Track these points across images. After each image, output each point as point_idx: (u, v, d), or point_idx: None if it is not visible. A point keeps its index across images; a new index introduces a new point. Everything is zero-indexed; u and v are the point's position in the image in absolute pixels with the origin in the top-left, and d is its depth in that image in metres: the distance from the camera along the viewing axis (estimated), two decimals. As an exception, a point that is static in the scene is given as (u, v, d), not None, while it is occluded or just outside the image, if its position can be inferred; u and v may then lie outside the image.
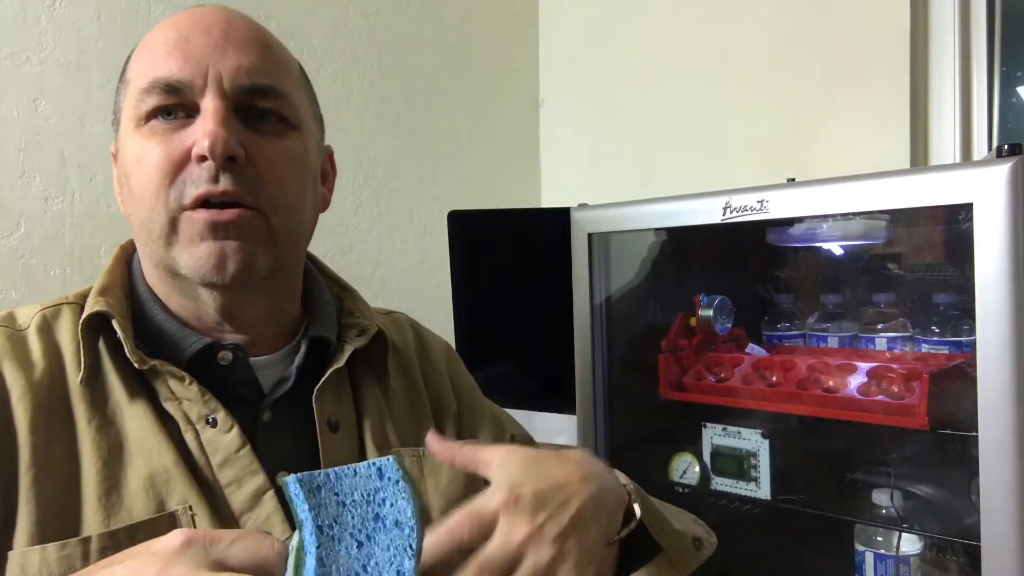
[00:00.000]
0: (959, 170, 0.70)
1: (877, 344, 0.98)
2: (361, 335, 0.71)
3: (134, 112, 0.62)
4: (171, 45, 0.61)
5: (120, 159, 0.65)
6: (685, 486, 1.03)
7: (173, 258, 0.61)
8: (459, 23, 1.69)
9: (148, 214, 0.61)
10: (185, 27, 0.62)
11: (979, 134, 1.36)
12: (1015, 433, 0.66)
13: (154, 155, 0.60)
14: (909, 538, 0.86)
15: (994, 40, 1.35)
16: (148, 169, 0.60)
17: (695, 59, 1.59)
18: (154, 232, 0.61)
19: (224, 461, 0.61)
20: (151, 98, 0.60)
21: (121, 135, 0.64)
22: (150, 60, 0.62)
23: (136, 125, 0.61)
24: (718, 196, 0.86)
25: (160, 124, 0.61)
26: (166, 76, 0.60)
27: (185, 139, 0.60)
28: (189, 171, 0.60)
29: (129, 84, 0.64)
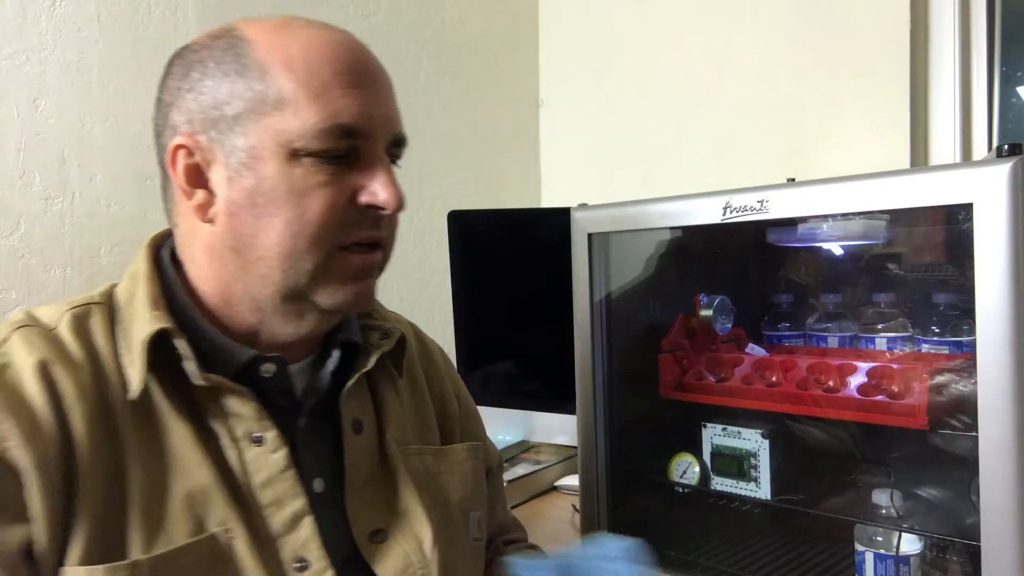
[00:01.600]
0: (959, 170, 0.70)
1: (877, 344, 0.98)
2: (385, 338, 0.73)
3: (297, 142, 0.59)
4: (344, 79, 0.60)
5: (258, 180, 0.60)
6: (685, 486, 1.03)
7: (314, 290, 0.62)
8: (459, 23, 1.69)
9: (304, 247, 0.60)
10: (345, 55, 0.61)
11: (979, 134, 1.36)
12: (1015, 433, 0.66)
13: (322, 198, 0.60)
14: (909, 538, 0.86)
15: (994, 40, 1.35)
16: (313, 208, 0.59)
17: (695, 59, 1.59)
18: (305, 264, 0.61)
19: (267, 481, 0.62)
20: (327, 140, 0.59)
21: (256, 153, 0.60)
22: (322, 90, 0.59)
23: (291, 154, 0.59)
24: (718, 196, 0.86)
25: (322, 165, 0.60)
26: (349, 123, 0.60)
27: (352, 182, 0.61)
28: (356, 215, 0.61)
29: (282, 105, 0.59)
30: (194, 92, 0.61)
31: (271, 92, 0.59)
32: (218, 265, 0.63)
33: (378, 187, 0.62)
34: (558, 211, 1.09)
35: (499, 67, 1.78)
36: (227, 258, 0.62)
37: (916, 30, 1.33)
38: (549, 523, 1.25)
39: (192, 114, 0.61)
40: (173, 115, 0.62)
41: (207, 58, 0.62)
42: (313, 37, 0.61)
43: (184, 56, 0.63)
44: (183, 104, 0.62)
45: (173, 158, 0.61)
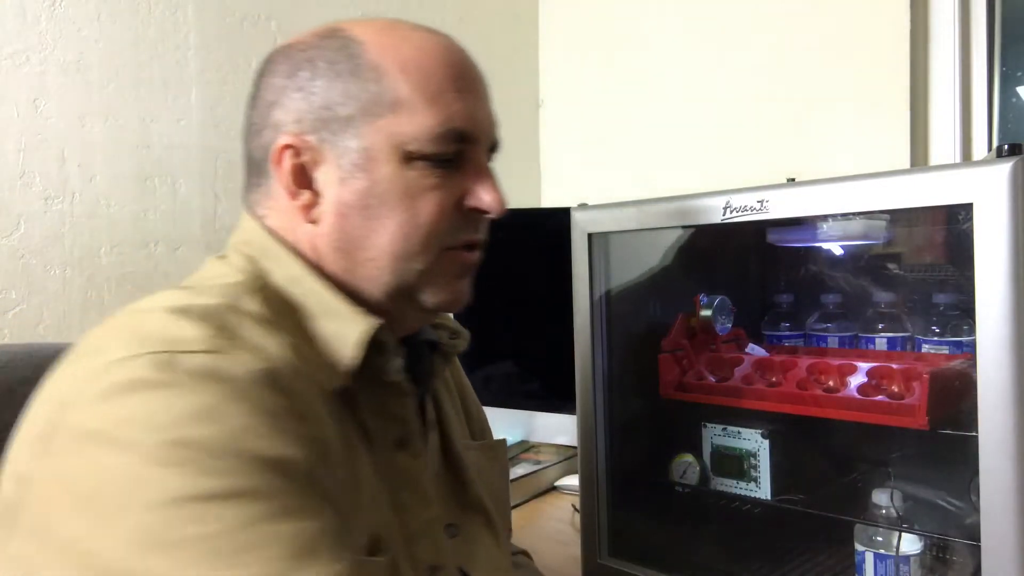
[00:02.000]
0: (959, 170, 0.70)
1: (877, 344, 0.98)
2: (455, 337, 0.74)
3: (410, 144, 0.59)
4: (456, 83, 0.62)
5: (372, 181, 0.60)
6: (685, 486, 1.03)
7: (421, 289, 0.63)
8: (459, 23, 1.69)
9: (416, 248, 0.61)
10: (455, 59, 0.63)
11: (979, 134, 1.36)
12: (1015, 433, 0.66)
13: (434, 200, 0.61)
14: (909, 538, 0.86)
15: (994, 40, 1.35)
16: (429, 210, 0.61)
17: (695, 59, 1.59)
18: (415, 264, 0.62)
19: (406, 484, 0.63)
20: (441, 144, 0.60)
21: (370, 155, 0.60)
22: (441, 96, 0.60)
23: (405, 156, 0.60)
24: (718, 196, 0.86)
25: (432, 168, 0.61)
26: (461, 128, 0.61)
27: (459, 185, 0.62)
28: (461, 219, 0.63)
29: (398, 107, 0.59)
30: (303, 92, 0.61)
31: (387, 94, 0.59)
32: (320, 265, 0.62)
33: (484, 192, 0.63)
34: (558, 211, 1.09)
35: (499, 67, 1.78)
36: (331, 258, 0.62)
37: (916, 30, 1.33)
38: (549, 523, 1.25)
39: (302, 113, 0.61)
40: (277, 113, 0.62)
41: (317, 57, 0.61)
42: (424, 41, 0.62)
43: (290, 55, 0.63)
44: (290, 103, 0.61)
45: (279, 157, 0.61)
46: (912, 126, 1.33)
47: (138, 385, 0.48)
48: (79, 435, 0.48)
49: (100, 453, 0.47)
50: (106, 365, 0.49)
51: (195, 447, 0.47)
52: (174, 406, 0.47)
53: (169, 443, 0.47)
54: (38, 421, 0.51)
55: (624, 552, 1.01)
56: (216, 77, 1.28)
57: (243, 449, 0.48)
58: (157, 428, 0.47)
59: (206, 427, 0.47)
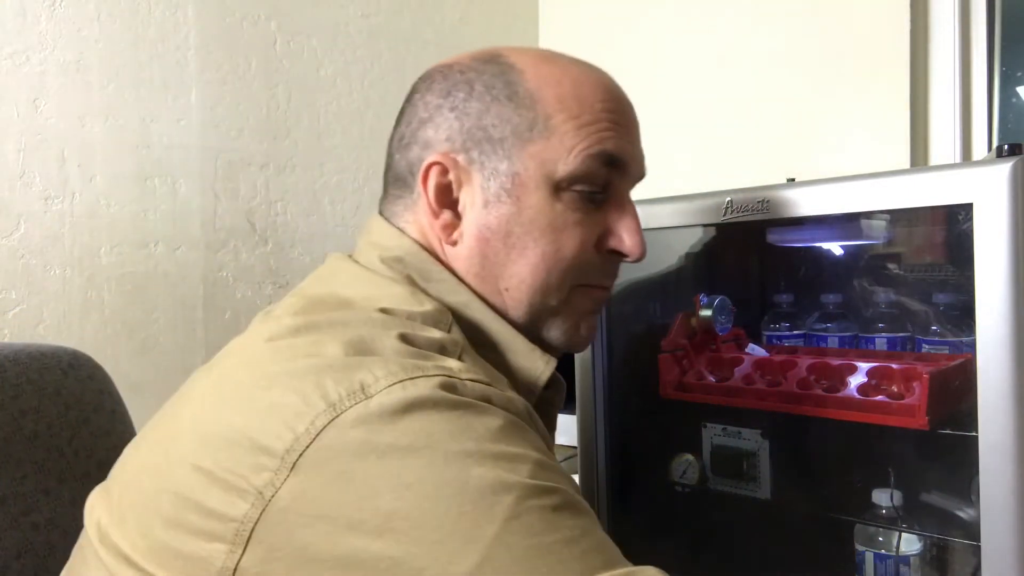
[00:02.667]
0: (959, 170, 0.70)
1: (877, 344, 0.98)
2: None
3: (561, 168, 0.59)
4: (611, 115, 0.62)
5: (520, 210, 0.59)
6: (685, 486, 1.03)
7: (550, 322, 0.63)
8: (459, 23, 1.69)
9: (553, 280, 0.61)
10: (612, 93, 0.64)
11: (979, 134, 1.36)
12: (1015, 433, 0.66)
13: (578, 235, 0.61)
14: (909, 538, 0.86)
15: (994, 40, 1.35)
16: (568, 246, 0.60)
17: (695, 59, 1.59)
18: (549, 299, 0.61)
19: None
20: (591, 166, 0.60)
21: (520, 180, 0.59)
22: (596, 122, 0.60)
23: (555, 186, 0.59)
24: (718, 196, 0.86)
25: (580, 202, 0.61)
26: (612, 152, 0.61)
27: (601, 223, 0.62)
28: (601, 257, 0.63)
29: (550, 132, 0.59)
30: (457, 111, 0.61)
31: (540, 119, 0.59)
32: (490, 289, 0.62)
33: (627, 234, 0.63)
34: (558, 211, 1.09)
35: (499, 67, 1.78)
36: (472, 283, 0.61)
37: (916, 30, 1.33)
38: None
39: (453, 132, 0.61)
40: (428, 131, 0.62)
41: (475, 80, 0.61)
42: (582, 75, 0.63)
43: (448, 75, 0.63)
44: (443, 122, 0.61)
45: (426, 174, 0.60)
46: (912, 126, 1.33)
47: (433, 403, 0.47)
48: (363, 451, 0.45)
49: (414, 464, 0.45)
50: (373, 384, 0.47)
51: (520, 458, 0.47)
52: (484, 423, 0.48)
53: (493, 455, 0.46)
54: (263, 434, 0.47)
55: (624, 552, 1.00)
56: (216, 77, 1.28)
57: (551, 465, 0.49)
58: (477, 439, 0.46)
59: (516, 444, 0.48)
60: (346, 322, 0.53)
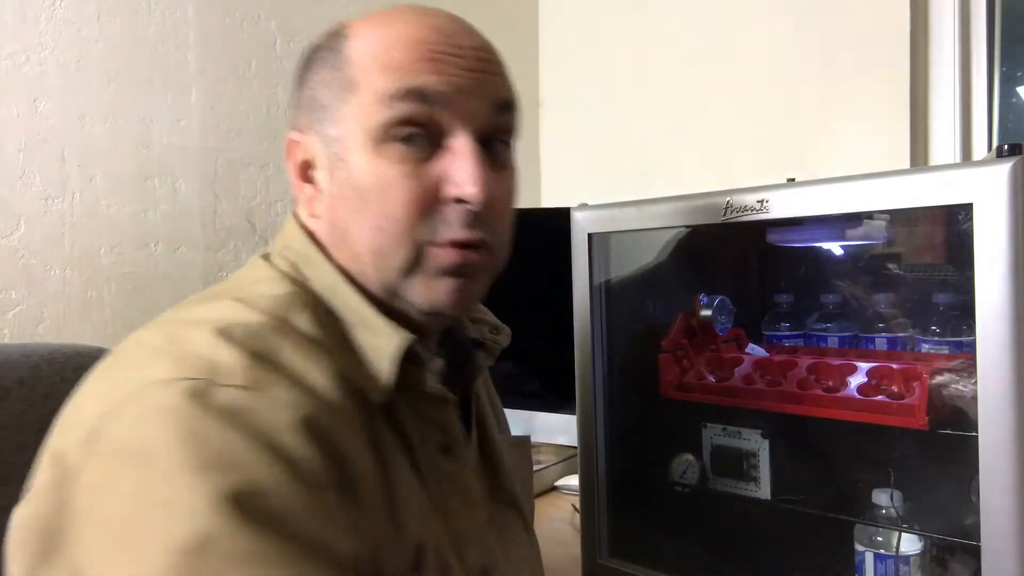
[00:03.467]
0: (959, 170, 0.70)
1: (877, 344, 0.98)
2: (497, 332, 0.72)
3: (372, 119, 0.56)
4: (423, 53, 0.57)
5: (349, 173, 0.58)
6: (685, 486, 1.03)
7: (406, 286, 0.58)
8: (459, 23, 1.69)
9: (391, 243, 0.57)
10: (431, 35, 0.58)
11: (979, 134, 1.36)
12: (1015, 433, 0.66)
13: (405, 188, 0.56)
14: (909, 538, 0.86)
15: (994, 40, 1.35)
16: (397, 202, 0.56)
17: (695, 59, 1.59)
18: (392, 262, 0.58)
19: (453, 490, 0.61)
20: (402, 105, 0.56)
21: (347, 142, 0.58)
22: (400, 66, 0.56)
23: (375, 140, 0.57)
24: (718, 196, 0.86)
25: (405, 150, 0.56)
26: (420, 86, 0.56)
27: (435, 173, 0.57)
28: (442, 211, 0.57)
29: (358, 87, 0.57)
30: (305, 88, 0.61)
31: (353, 77, 0.58)
32: (346, 258, 0.61)
33: (461, 175, 0.57)
34: (558, 211, 1.09)
35: (499, 67, 1.78)
36: (337, 255, 0.61)
37: (916, 30, 1.33)
38: (549, 523, 1.25)
39: (302, 109, 0.61)
40: (294, 113, 0.63)
41: (315, 54, 0.62)
42: (406, 24, 0.59)
43: (306, 55, 0.63)
44: (298, 101, 0.62)
45: (288, 155, 0.61)
46: (912, 126, 1.33)
47: (171, 413, 0.47)
48: (113, 449, 0.47)
49: (126, 472, 0.47)
50: (147, 383, 0.49)
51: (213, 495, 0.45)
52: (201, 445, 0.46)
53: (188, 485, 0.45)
54: (85, 417, 0.50)
55: (624, 552, 1.01)
56: (216, 77, 1.28)
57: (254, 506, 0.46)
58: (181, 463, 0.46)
59: (225, 475, 0.46)
60: (189, 316, 0.56)
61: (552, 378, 1.33)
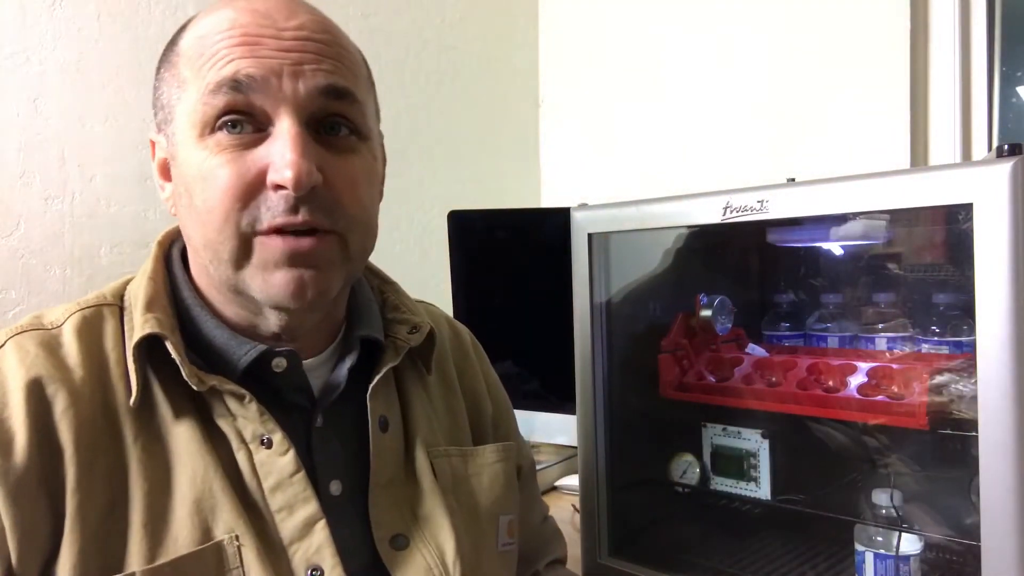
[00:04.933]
0: (959, 170, 0.70)
1: (877, 344, 0.98)
2: (414, 332, 0.70)
3: (196, 115, 0.57)
4: (237, 40, 0.56)
5: (180, 168, 0.59)
6: (685, 486, 1.03)
7: (243, 280, 0.58)
8: (459, 23, 1.69)
9: (215, 236, 0.57)
10: (247, 18, 0.57)
11: (979, 134, 1.36)
12: (1015, 433, 0.66)
13: (224, 176, 0.56)
14: (909, 538, 0.86)
15: (994, 40, 1.35)
16: (217, 190, 0.56)
17: (695, 59, 1.59)
18: (221, 254, 0.57)
19: (276, 485, 0.59)
20: (218, 98, 0.55)
21: (178, 138, 0.59)
22: (214, 55, 0.56)
23: (200, 133, 0.57)
24: (718, 196, 0.86)
25: (228, 139, 0.56)
26: (232, 75, 0.55)
27: (257, 159, 0.56)
28: (265, 196, 0.56)
29: (186, 82, 0.58)
30: (156, 89, 0.62)
31: (180, 75, 0.59)
32: (193, 256, 0.63)
33: (278, 159, 0.55)
34: (558, 211, 1.09)
35: (499, 67, 1.78)
36: (190, 254, 0.63)
37: (916, 30, 1.33)
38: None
39: (155, 109, 0.62)
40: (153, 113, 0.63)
41: (163, 53, 0.63)
42: (229, 5, 0.58)
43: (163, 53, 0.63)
44: (154, 101, 0.62)
45: (152, 155, 0.63)
46: (912, 126, 1.33)
47: None
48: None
49: None
50: None
51: None
52: None
53: None
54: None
55: (624, 552, 1.01)
56: (216, 77, 1.28)
57: None
58: None
59: None
60: None
61: (552, 378, 1.33)
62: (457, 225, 1.42)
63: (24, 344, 0.57)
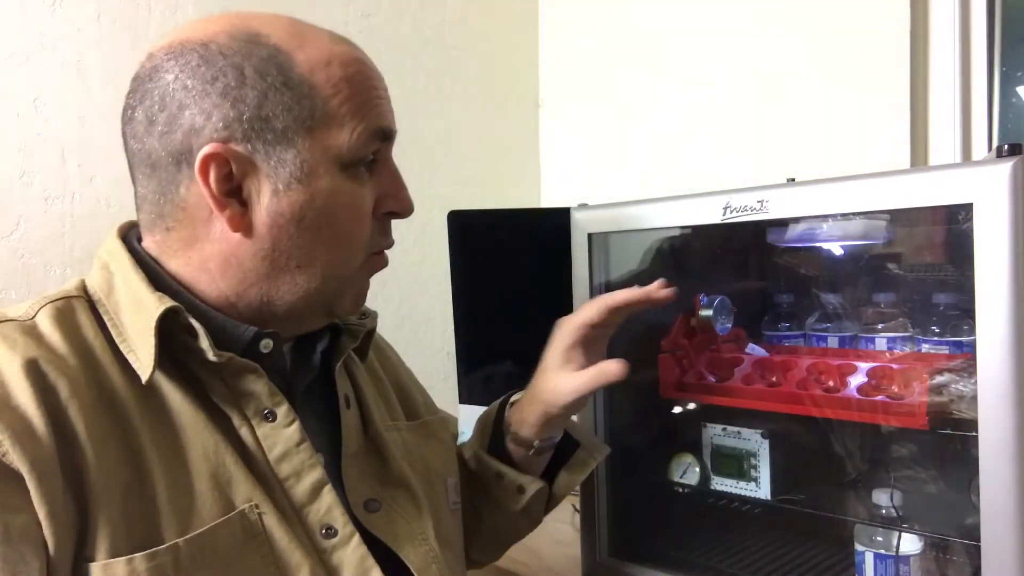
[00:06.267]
0: (959, 170, 0.70)
1: (877, 344, 0.98)
2: (364, 317, 0.76)
3: (346, 150, 0.62)
4: (372, 90, 0.65)
5: (310, 191, 0.61)
6: (685, 486, 1.03)
7: (341, 294, 0.67)
8: (459, 23, 1.69)
9: (346, 256, 0.65)
10: (368, 68, 0.66)
11: (979, 134, 1.35)
12: (1015, 433, 0.66)
13: (365, 204, 0.65)
14: (909, 538, 0.86)
15: (994, 40, 1.35)
16: (360, 217, 0.65)
17: (695, 59, 1.59)
18: (345, 271, 0.66)
19: (283, 455, 0.63)
20: (372, 144, 0.64)
21: (308, 166, 0.61)
22: (367, 101, 0.64)
23: (341, 165, 0.62)
24: (718, 196, 0.86)
25: (360, 175, 0.64)
26: (387, 127, 0.65)
27: (375, 192, 0.66)
28: (379, 224, 0.68)
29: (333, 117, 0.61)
30: (231, 99, 0.58)
31: (319, 106, 0.61)
32: (237, 273, 0.63)
33: (403, 194, 0.68)
34: (558, 211, 1.09)
35: (499, 67, 1.78)
36: (254, 266, 0.62)
37: (916, 30, 1.33)
38: (549, 523, 1.24)
39: (230, 121, 0.58)
40: (195, 118, 0.59)
41: (244, 64, 0.59)
42: (343, 52, 0.64)
43: (207, 57, 0.59)
44: (214, 109, 0.58)
45: (204, 167, 0.59)
46: (912, 126, 1.33)
47: None
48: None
49: None
50: None
51: None
52: None
53: None
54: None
55: (624, 552, 1.01)
56: (216, 77, 1.28)
57: None
58: None
59: None
60: None
61: (552, 378, 1.33)
62: (457, 225, 1.41)
63: (8, 333, 0.57)
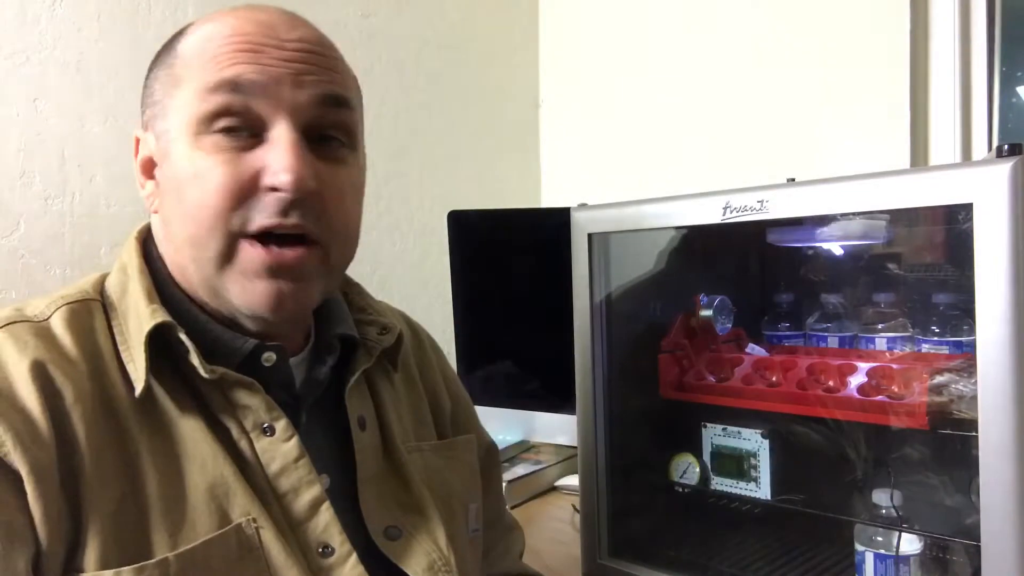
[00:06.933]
0: (959, 170, 0.70)
1: (877, 344, 0.98)
2: (384, 333, 0.72)
3: (191, 112, 0.58)
4: (240, 46, 0.58)
5: (171, 166, 0.60)
6: (685, 486, 1.03)
7: (224, 284, 0.59)
8: (459, 23, 1.69)
9: (202, 234, 0.58)
10: (251, 27, 0.59)
11: (979, 134, 1.36)
12: (1015, 433, 0.66)
13: (218, 176, 0.57)
14: (909, 538, 0.86)
15: (994, 40, 1.35)
16: (211, 190, 0.57)
17: (695, 59, 1.59)
18: (206, 252, 0.58)
19: (281, 470, 0.61)
20: (215, 96, 0.57)
21: (171, 136, 0.60)
22: (215, 57, 0.58)
23: (196, 132, 0.58)
24: (718, 196, 0.86)
25: (225, 141, 0.58)
26: (233, 77, 0.57)
27: (253, 162, 0.57)
28: (257, 198, 0.57)
29: (182, 81, 0.59)
30: (146, 86, 0.63)
31: (177, 73, 0.60)
32: (172, 255, 0.64)
33: (275, 163, 0.57)
34: (558, 211, 1.09)
35: (499, 67, 1.78)
36: (165, 252, 0.64)
37: (916, 30, 1.33)
38: (549, 523, 1.25)
39: (144, 107, 0.63)
40: (141, 112, 0.64)
41: (158, 53, 0.64)
42: (233, 15, 0.60)
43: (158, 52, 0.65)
44: (143, 99, 0.64)
45: (135, 153, 0.64)
46: (912, 126, 1.33)
47: None
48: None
49: None
50: None
51: None
52: None
53: None
54: None
55: (624, 552, 1.01)
56: (216, 77, 1.28)
57: None
58: None
59: None
60: None
61: (552, 378, 1.33)
62: (457, 225, 1.42)
63: (20, 334, 0.57)
